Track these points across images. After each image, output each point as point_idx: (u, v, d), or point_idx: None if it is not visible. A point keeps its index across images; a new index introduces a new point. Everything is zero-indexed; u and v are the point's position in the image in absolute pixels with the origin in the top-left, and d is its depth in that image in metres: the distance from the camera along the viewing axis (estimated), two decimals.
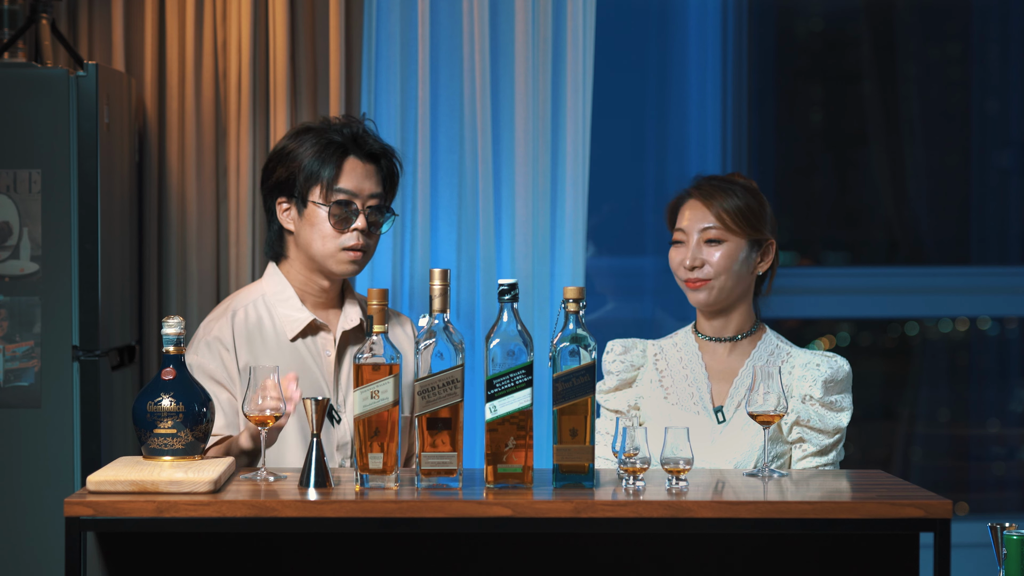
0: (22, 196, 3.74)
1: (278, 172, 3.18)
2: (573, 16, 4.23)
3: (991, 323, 5.18)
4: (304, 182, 3.14)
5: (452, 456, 2.65)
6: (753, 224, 3.16)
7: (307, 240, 3.15)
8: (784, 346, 3.20)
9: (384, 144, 3.22)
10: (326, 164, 3.14)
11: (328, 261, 3.15)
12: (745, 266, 3.17)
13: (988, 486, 5.31)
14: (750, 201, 3.17)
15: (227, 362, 3.12)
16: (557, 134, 4.26)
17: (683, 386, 3.18)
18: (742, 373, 3.17)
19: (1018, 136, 5.09)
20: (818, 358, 3.15)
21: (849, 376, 3.16)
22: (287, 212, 3.18)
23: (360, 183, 3.15)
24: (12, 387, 3.74)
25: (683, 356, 3.21)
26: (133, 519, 2.56)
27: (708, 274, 3.15)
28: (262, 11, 4.17)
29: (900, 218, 5.08)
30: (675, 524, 2.58)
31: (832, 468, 3.12)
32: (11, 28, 3.93)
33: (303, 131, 3.20)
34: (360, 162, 3.16)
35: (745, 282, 3.19)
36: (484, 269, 4.23)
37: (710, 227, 3.16)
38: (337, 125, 3.20)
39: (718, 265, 3.15)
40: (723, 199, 3.16)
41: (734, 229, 3.15)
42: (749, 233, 3.16)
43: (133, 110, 4.11)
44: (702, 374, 3.18)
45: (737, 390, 3.15)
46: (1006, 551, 2.50)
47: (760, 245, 3.19)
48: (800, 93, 5.17)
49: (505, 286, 2.67)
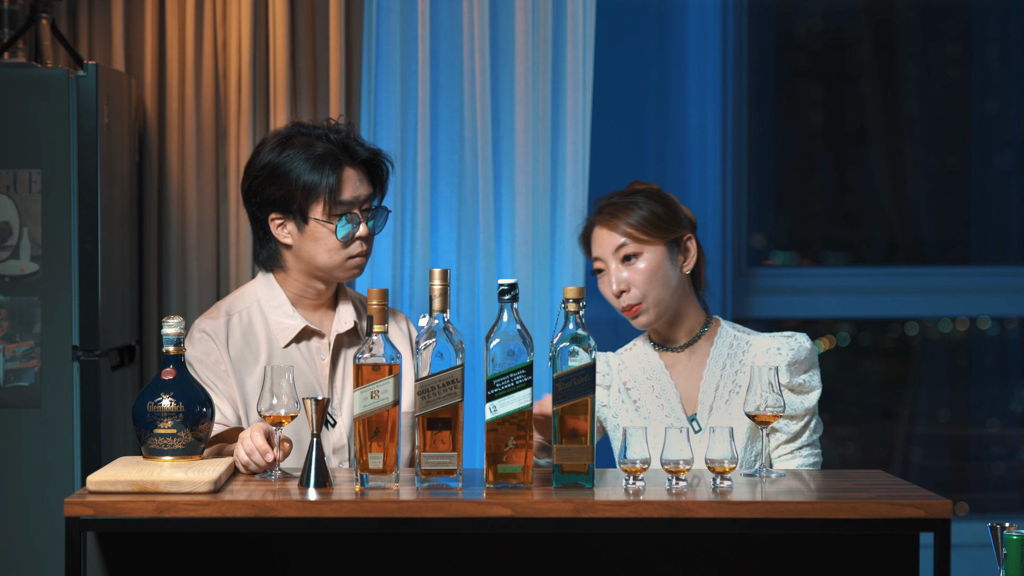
0: (22, 196, 3.74)
1: (269, 190, 3.11)
2: (573, 16, 4.23)
3: (991, 323, 5.18)
4: (303, 199, 3.09)
5: (452, 456, 2.65)
6: (663, 228, 3.13)
7: (310, 254, 3.12)
8: (742, 335, 3.18)
9: (372, 147, 3.18)
10: (323, 179, 3.08)
11: (334, 271, 3.14)
12: (672, 271, 3.14)
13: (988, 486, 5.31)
14: (654, 207, 3.13)
15: (217, 357, 3.11)
16: (557, 134, 4.26)
17: (651, 398, 3.17)
18: (707, 376, 3.15)
19: (1018, 136, 5.09)
20: (778, 341, 3.13)
21: (813, 352, 3.14)
22: (282, 227, 3.13)
23: (356, 191, 3.12)
24: (12, 387, 3.74)
25: (645, 368, 3.20)
26: (133, 519, 2.56)
27: (635, 297, 3.11)
28: (262, 11, 4.17)
29: (900, 218, 5.08)
30: (675, 524, 2.58)
31: (808, 449, 3.10)
32: (11, 28, 3.93)
33: (284, 142, 3.13)
34: (353, 170, 3.12)
35: (679, 287, 3.15)
36: (484, 269, 4.23)
37: (621, 244, 3.12)
38: (319, 131, 3.13)
39: (641, 282, 3.11)
40: (626, 216, 3.12)
41: (644, 239, 3.11)
42: (662, 237, 3.13)
43: (133, 110, 4.11)
44: (669, 384, 3.17)
45: (705, 394, 3.14)
46: (1006, 551, 2.50)
47: (679, 244, 3.16)
48: (800, 93, 5.17)
49: (505, 286, 2.67)
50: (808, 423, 3.11)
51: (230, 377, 3.10)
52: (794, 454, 3.11)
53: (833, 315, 5.11)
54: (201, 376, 3.07)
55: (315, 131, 3.14)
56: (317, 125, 3.18)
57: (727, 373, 3.14)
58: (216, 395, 3.07)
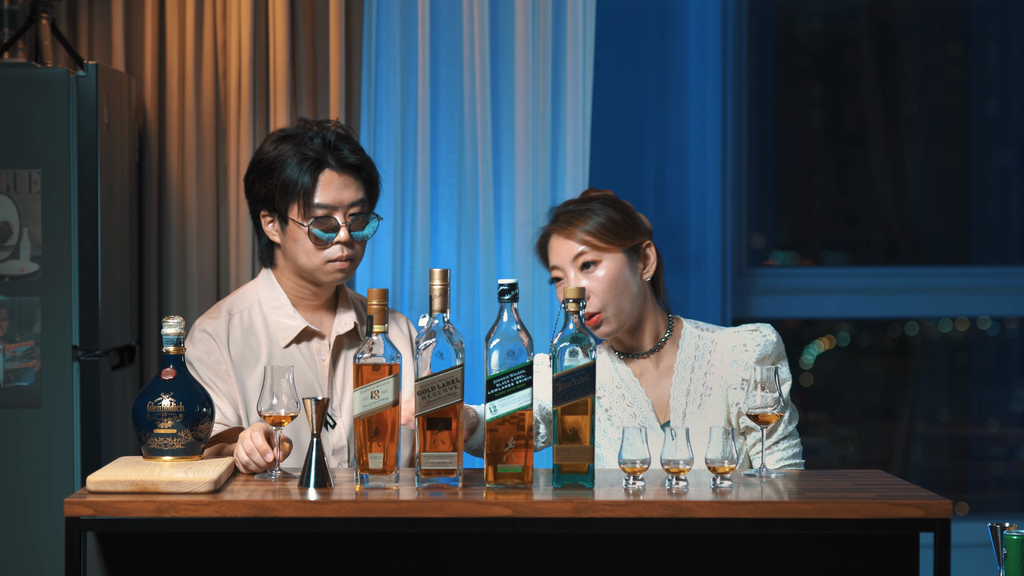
0: (22, 196, 3.74)
1: (258, 187, 3.14)
2: (573, 16, 4.23)
3: (991, 323, 5.18)
4: (282, 199, 3.10)
5: (452, 456, 2.65)
6: (621, 235, 3.09)
7: (292, 254, 3.13)
8: (706, 334, 3.14)
9: (360, 154, 3.15)
10: (300, 180, 3.08)
11: (316, 273, 3.14)
12: (632, 279, 3.10)
13: (988, 486, 5.32)
14: (611, 214, 3.10)
15: (218, 357, 3.11)
16: (557, 134, 4.26)
17: (622, 406, 3.14)
18: (676, 381, 3.12)
19: (1018, 136, 5.09)
20: (743, 336, 3.10)
21: (779, 343, 3.10)
22: (271, 224, 3.15)
23: (338, 195, 3.10)
24: (12, 387, 3.74)
25: (614, 377, 3.16)
26: (133, 519, 2.56)
27: (597, 306, 3.07)
28: (262, 11, 4.17)
29: (900, 218, 5.08)
30: (675, 524, 2.58)
31: (786, 441, 3.07)
32: (11, 28, 3.93)
33: (281, 140, 3.14)
34: (336, 174, 3.10)
35: (639, 294, 3.11)
36: (484, 269, 4.23)
37: (580, 252, 3.08)
38: (312, 133, 3.13)
39: (600, 291, 3.07)
40: (582, 223, 3.08)
41: (602, 246, 3.07)
42: (621, 244, 3.09)
43: (133, 110, 4.11)
44: (639, 392, 3.13)
45: (676, 401, 3.11)
46: (1006, 551, 2.50)
47: (638, 251, 3.12)
48: (800, 93, 5.17)
49: (505, 286, 2.67)
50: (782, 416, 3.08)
51: (231, 377, 3.10)
52: (771, 449, 3.07)
53: (833, 315, 5.11)
54: (201, 376, 3.08)
55: (309, 132, 3.13)
56: (320, 123, 3.17)
57: (696, 376, 3.11)
58: (216, 395, 3.07)
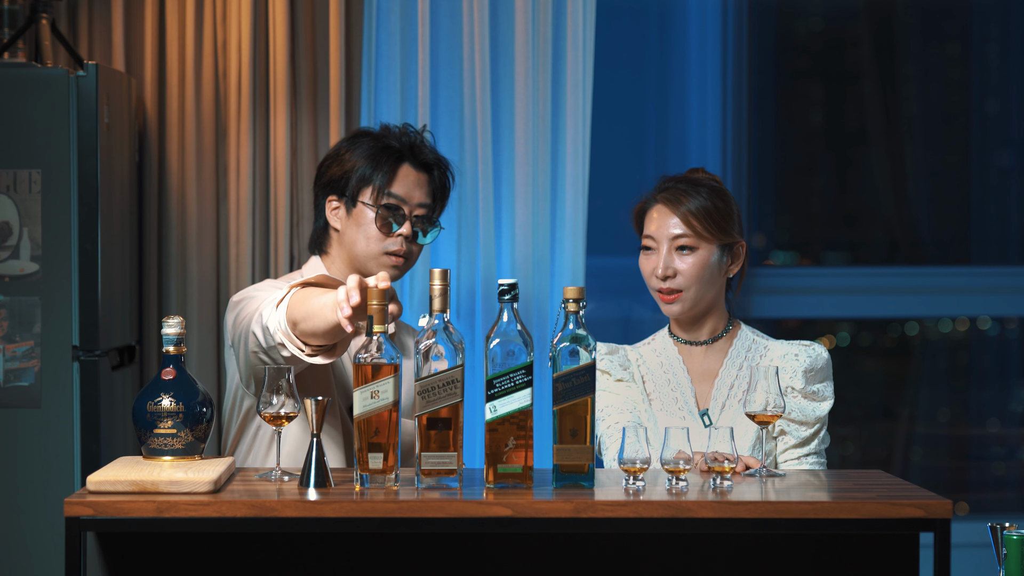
0: (22, 196, 3.74)
1: (332, 170, 3.27)
2: (573, 16, 4.23)
3: (991, 323, 5.18)
4: (357, 183, 3.23)
5: (452, 456, 2.65)
6: (722, 227, 3.14)
7: (351, 239, 3.23)
8: (760, 340, 3.20)
9: (439, 155, 3.31)
10: (380, 167, 3.22)
11: (370, 262, 3.21)
12: (716, 271, 3.16)
13: (988, 486, 5.31)
14: (716, 202, 3.15)
15: None
16: (557, 134, 4.26)
17: (666, 391, 3.18)
18: (722, 373, 3.17)
19: (1018, 136, 5.08)
20: (796, 348, 3.15)
21: (828, 364, 3.16)
22: (336, 210, 3.26)
23: (411, 190, 3.24)
24: (12, 387, 3.74)
25: (663, 361, 3.21)
26: (133, 519, 2.56)
27: (680, 284, 3.14)
28: (262, 11, 4.17)
29: (900, 218, 5.08)
30: (675, 524, 2.58)
31: (815, 457, 3.12)
32: (11, 28, 3.93)
33: (361, 135, 3.30)
34: (413, 170, 3.26)
35: (716, 287, 3.18)
36: (484, 269, 4.23)
37: (680, 235, 3.14)
38: (395, 132, 3.28)
39: (689, 275, 3.14)
40: (688, 201, 3.14)
41: (704, 235, 3.13)
42: (719, 238, 3.15)
43: (133, 110, 4.11)
44: (684, 378, 3.18)
45: (719, 391, 3.16)
46: (1006, 551, 2.50)
47: (731, 248, 3.18)
48: (800, 93, 5.17)
49: (505, 286, 2.67)
50: (818, 432, 3.11)
51: None
52: (800, 460, 3.11)
53: (833, 315, 5.11)
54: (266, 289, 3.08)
55: (393, 131, 3.29)
56: (403, 125, 3.32)
57: (743, 374, 3.16)
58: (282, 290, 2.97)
